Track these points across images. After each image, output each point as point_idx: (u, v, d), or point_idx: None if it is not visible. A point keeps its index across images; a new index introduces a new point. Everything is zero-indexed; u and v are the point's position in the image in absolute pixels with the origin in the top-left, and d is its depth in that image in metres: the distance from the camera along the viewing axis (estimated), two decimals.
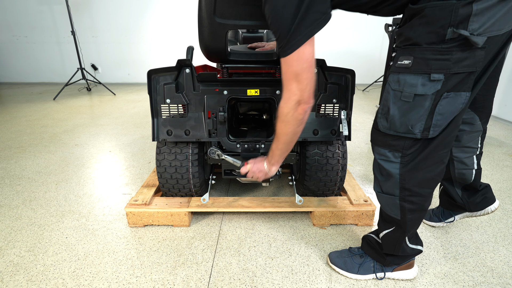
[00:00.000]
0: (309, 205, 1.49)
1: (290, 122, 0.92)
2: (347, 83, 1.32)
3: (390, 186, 0.92)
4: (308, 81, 0.84)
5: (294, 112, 0.89)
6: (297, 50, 0.81)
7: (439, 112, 0.80)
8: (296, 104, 0.88)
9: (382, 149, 0.89)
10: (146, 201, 1.47)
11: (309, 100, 0.88)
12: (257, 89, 1.31)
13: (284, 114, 0.92)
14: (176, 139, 1.36)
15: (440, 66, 0.75)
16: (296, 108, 0.88)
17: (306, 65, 0.82)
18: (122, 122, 3.43)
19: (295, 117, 0.91)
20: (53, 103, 4.41)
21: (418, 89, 0.79)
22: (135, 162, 2.28)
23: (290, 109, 0.89)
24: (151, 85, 1.29)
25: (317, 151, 1.43)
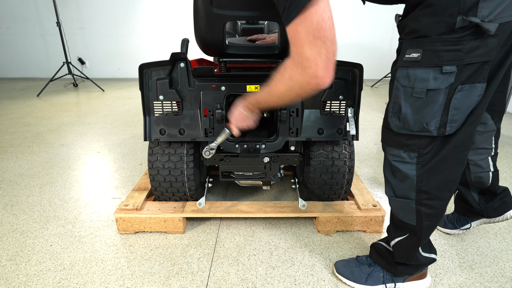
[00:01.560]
0: (313, 210, 1.49)
1: (295, 89, 0.82)
2: (355, 78, 1.32)
3: (405, 189, 0.91)
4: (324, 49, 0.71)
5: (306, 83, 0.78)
6: (304, 8, 0.70)
7: (455, 107, 0.78)
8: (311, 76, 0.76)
9: (396, 150, 0.88)
10: (137, 206, 1.47)
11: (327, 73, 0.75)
12: (257, 85, 1.31)
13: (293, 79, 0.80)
14: (169, 139, 1.36)
15: (452, 57, 0.74)
16: (310, 80, 0.77)
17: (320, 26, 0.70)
18: (111, 121, 3.43)
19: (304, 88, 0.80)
20: (36, 100, 4.41)
21: (430, 84, 0.78)
22: (126, 164, 2.28)
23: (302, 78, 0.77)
24: (143, 81, 1.29)
25: (322, 152, 1.43)
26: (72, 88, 5.37)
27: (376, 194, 1.87)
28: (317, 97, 1.34)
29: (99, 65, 6.35)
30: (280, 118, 1.30)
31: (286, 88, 0.86)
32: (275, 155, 1.40)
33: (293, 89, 0.83)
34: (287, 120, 1.32)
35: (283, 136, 1.36)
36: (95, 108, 4.02)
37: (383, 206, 1.68)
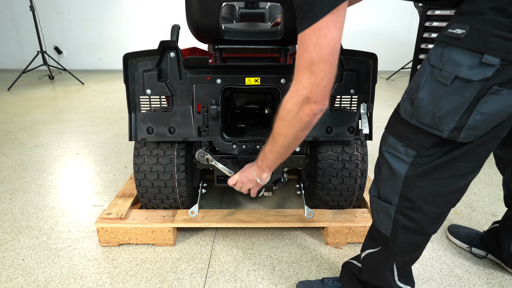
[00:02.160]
0: (321, 220, 1.49)
1: (292, 122, 0.88)
2: (368, 70, 1.32)
3: (389, 190, 0.88)
4: (324, 74, 0.78)
5: (299, 110, 0.85)
6: (316, 24, 0.74)
7: (480, 111, 0.71)
8: (303, 101, 0.83)
9: (395, 140, 0.83)
10: (121, 214, 1.47)
11: (321, 100, 0.82)
12: (258, 77, 1.31)
13: (286, 110, 0.88)
14: (158, 139, 1.36)
15: (499, 46, 0.67)
16: (303, 106, 0.84)
17: (325, 51, 0.76)
18: (92, 118, 3.44)
19: (299, 117, 0.86)
20: (7, 94, 4.41)
21: (462, 71, 0.70)
22: (108, 167, 2.28)
23: (295, 106, 0.85)
24: (128, 73, 1.30)
25: (331, 153, 1.44)
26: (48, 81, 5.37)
27: None
28: None
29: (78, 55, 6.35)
30: None
31: (286, 124, 0.91)
32: None
33: (293, 122, 0.89)
34: None
35: None
36: (73, 103, 4.02)
37: None
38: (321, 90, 0.81)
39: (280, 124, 0.93)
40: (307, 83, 0.80)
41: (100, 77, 5.79)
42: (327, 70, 0.78)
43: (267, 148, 1.04)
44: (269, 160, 1.07)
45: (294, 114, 0.87)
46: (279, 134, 0.95)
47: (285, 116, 0.89)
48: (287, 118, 0.89)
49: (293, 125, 0.90)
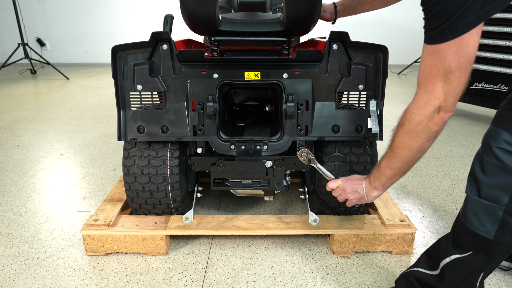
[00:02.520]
0: (327, 226, 1.49)
1: (420, 134, 0.92)
2: (378, 63, 1.32)
3: (497, 190, 0.87)
4: (459, 82, 0.83)
5: (429, 121, 0.89)
6: (462, 36, 0.76)
7: None
8: (435, 111, 0.87)
9: (510, 137, 0.84)
10: (109, 221, 1.47)
11: (452, 107, 0.87)
12: (258, 72, 1.31)
13: (414, 123, 0.91)
14: (149, 138, 1.36)
15: None
16: (433, 116, 0.88)
17: (464, 60, 0.80)
18: (77, 116, 3.44)
19: (428, 128, 0.90)
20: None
21: None
22: (95, 169, 2.28)
23: (425, 118, 0.89)
24: (117, 67, 1.29)
25: (338, 154, 1.43)
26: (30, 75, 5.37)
27: (404, 207, 1.87)
28: (331, 87, 1.34)
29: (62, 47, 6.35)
30: (286, 112, 1.30)
31: (411, 136, 0.94)
32: (280, 158, 1.40)
33: (420, 134, 0.92)
34: (294, 114, 1.32)
35: (289, 135, 1.36)
36: (57, 100, 4.02)
37: (413, 222, 1.68)
38: (453, 98, 0.85)
39: (404, 138, 0.96)
40: (440, 92, 0.84)
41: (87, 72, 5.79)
42: (463, 78, 0.82)
43: (383, 163, 1.07)
44: (384, 177, 1.09)
45: (423, 126, 0.90)
46: (402, 147, 0.98)
47: (413, 129, 0.93)
48: (414, 131, 0.92)
49: (420, 137, 0.93)
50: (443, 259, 1.01)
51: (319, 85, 1.33)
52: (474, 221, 0.92)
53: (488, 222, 0.89)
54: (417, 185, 2.11)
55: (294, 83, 1.32)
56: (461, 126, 3.24)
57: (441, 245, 1.05)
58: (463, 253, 0.97)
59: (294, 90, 1.32)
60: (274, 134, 1.42)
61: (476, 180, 0.91)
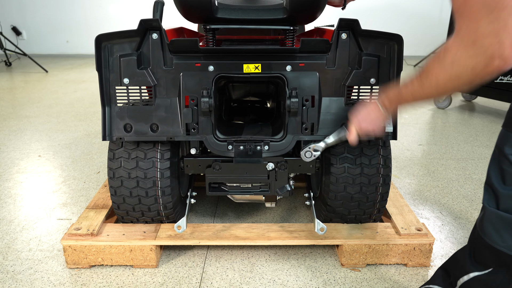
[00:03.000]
0: (335, 236, 1.49)
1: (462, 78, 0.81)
2: (392, 54, 1.32)
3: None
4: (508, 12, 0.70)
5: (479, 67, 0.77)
6: None
7: None
8: (489, 55, 0.74)
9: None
10: (93, 229, 1.47)
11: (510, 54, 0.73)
12: (258, 64, 1.31)
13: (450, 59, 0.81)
14: (138, 138, 1.36)
15: None
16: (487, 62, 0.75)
17: None
18: (57, 113, 3.44)
19: (476, 74, 0.79)
20: None
21: None
22: (77, 172, 2.28)
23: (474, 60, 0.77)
24: (101, 58, 1.29)
25: (347, 156, 1.44)
26: (4, 68, 5.37)
27: (421, 214, 1.87)
28: (340, 80, 1.34)
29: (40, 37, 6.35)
30: (289, 109, 1.30)
31: (449, 76, 0.84)
32: (283, 160, 1.40)
33: (461, 77, 0.81)
34: (298, 111, 1.32)
35: (293, 134, 1.36)
36: (35, 95, 4.02)
37: (431, 231, 1.68)
38: (509, 42, 0.71)
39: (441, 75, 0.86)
40: (487, 31, 0.72)
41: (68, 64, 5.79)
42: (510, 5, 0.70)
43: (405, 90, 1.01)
44: (403, 101, 1.04)
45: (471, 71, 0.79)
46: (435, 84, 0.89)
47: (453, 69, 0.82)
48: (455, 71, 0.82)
49: (462, 81, 0.83)
50: (461, 277, 1.01)
51: (326, 79, 1.33)
52: (493, 235, 0.92)
53: (509, 236, 0.89)
54: (435, 190, 2.11)
55: (298, 76, 1.32)
56: (484, 125, 3.25)
57: (458, 260, 1.04)
58: (483, 270, 0.97)
59: (299, 84, 1.32)
60: (276, 133, 1.42)
61: (494, 190, 0.90)
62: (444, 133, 3.06)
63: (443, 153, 2.64)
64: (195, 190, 1.76)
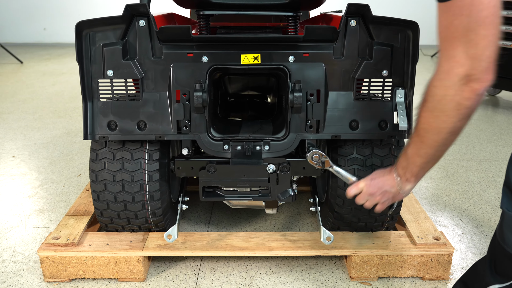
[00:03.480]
0: (343, 246, 1.49)
1: (447, 112, 0.91)
2: (406, 44, 1.32)
3: None
4: (487, 42, 0.81)
5: (456, 94, 0.87)
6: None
7: None
8: (462, 81, 0.85)
9: None
10: (73, 239, 1.47)
11: (485, 75, 0.84)
12: (258, 54, 1.31)
13: (436, 98, 0.90)
14: (123, 137, 1.36)
15: None
16: (462, 88, 0.85)
17: (486, 12, 0.79)
18: (34, 109, 3.43)
19: (457, 104, 0.88)
20: None
21: None
22: (56, 175, 2.28)
23: (450, 90, 0.87)
24: (83, 48, 1.29)
25: (357, 157, 1.44)
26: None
27: (439, 221, 1.87)
28: (349, 73, 1.34)
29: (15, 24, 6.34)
30: (292, 104, 1.30)
31: (436, 116, 0.93)
32: (285, 161, 1.40)
33: (448, 112, 0.90)
34: (302, 107, 1.32)
35: (296, 133, 1.36)
36: (8, 89, 4.01)
37: (449, 240, 1.68)
38: (485, 63, 0.82)
39: (429, 118, 0.95)
40: (463, 57, 0.83)
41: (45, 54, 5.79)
42: (490, 35, 0.80)
43: (410, 150, 1.07)
44: (415, 166, 1.08)
45: (449, 101, 0.89)
46: (429, 130, 0.98)
47: (436, 106, 0.92)
48: (438, 107, 0.91)
49: (448, 115, 0.91)
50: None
51: (333, 71, 1.33)
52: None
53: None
54: (455, 194, 2.11)
55: (302, 68, 1.32)
56: (509, 122, 3.25)
57: (478, 272, 1.05)
58: (504, 282, 0.97)
59: (303, 76, 1.32)
60: (278, 131, 1.42)
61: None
62: (465, 131, 3.04)
63: (463, 153, 2.65)
64: (187, 195, 1.76)
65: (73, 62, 5.13)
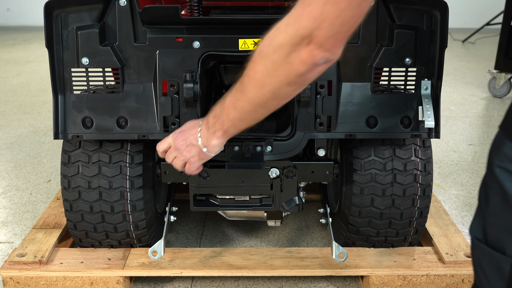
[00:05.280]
0: (359, 264, 1.49)
1: (277, 65, 0.90)
2: (433, 27, 1.32)
3: (501, 231, 0.86)
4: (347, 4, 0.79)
5: (292, 51, 0.86)
6: None
7: None
8: (303, 38, 0.83)
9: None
10: (42, 256, 1.47)
11: (330, 45, 0.84)
12: (258, 38, 1.31)
13: (274, 44, 0.88)
14: (100, 136, 1.36)
15: None
16: (299, 46, 0.84)
17: None
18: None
19: (289, 61, 0.87)
20: None
21: None
22: (21, 181, 2.28)
23: (288, 41, 0.86)
24: (53, 31, 1.29)
25: (375, 159, 1.44)
26: None
27: None
28: (365, 61, 1.34)
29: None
30: (299, 97, 1.30)
31: (267, 68, 0.90)
32: (291, 164, 1.40)
33: (276, 67, 0.89)
34: (311, 101, 1.32)
35: (304, 131, 1.36)
36: None
37: None
38: (335, 29, 0.81)
39: (258, 63, 0.93)
40: (317, 12, 0.80)
41: (8, 39, 5.79)
42: (356, 0, 0.78)
43: (228, 98, 1.06)
44: (227, 119, 1.08)
45: (284, 54, 0.87)
46: (252, 79, 0.96)
47: (269, 52, 0.90)
48: (271, 56, 0.90)
49: (277, 70, 0.90)
50: None
51: (347, 58, 1.33)
52: (481, 276, 0.92)
53: (495, 279, 0.88)
54: None
55: None
56: None
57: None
58: None
59: None
60: (282, 129, 1.42)
61: (482, 215, 0.90)
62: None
63: None
64: (175, 205, 1.76)
65: (42, 49, 5.13)
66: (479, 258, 0.93)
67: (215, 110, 1.10)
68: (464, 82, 3.97)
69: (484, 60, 4.63)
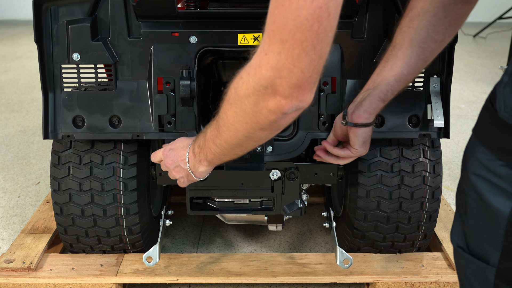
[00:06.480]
0: (364, 271, 1.49)
1: (247, 115, 0.91)
2: None
3: (483, 241, 0.86)
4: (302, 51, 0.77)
5: (260, 101, 0.86)
6: None
7: None
8: (268, 89, 0.83)
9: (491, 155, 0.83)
10: (30, 262, 1.47)
11: (295, 94, 0.83)
12: (258, 33, 1.31)
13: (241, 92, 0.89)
14: (92, 136, 1.36)
15: None
16: (266, 97, 0.85)
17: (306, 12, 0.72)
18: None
19: (258, 110, 0.88)
20: None
21: None
22: (9, 183, 2.28)
23: (254, 92, 0.86)
24: (42, 26, 1.29)
25: (382, 160, 1.44)
26: None
27: None
28: (371, 57, 1.34)
29: None
30: None
31: (239, 115, 0.92)
32: (292, 166, 1.40)
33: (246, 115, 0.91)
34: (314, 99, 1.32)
35: (306, 130, 1.36)
36: None
37: None
38: (296, 77, 0.80)
39: (228, 110, 0.95)
40: (274, 61, 0.79)
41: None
42: (309, 45, 0.76)
43: (209, 133, 1.08)
44: (210, 152, 1.10)
45: (251, 103, 0.88)
46: (226, 123, 0.98)
47: (237, 101, 0.91)
48: (239, 105, 0.91)
49: (248, 117, 0.92)
50: None
51: (352, 54, 1.33)
52: (466, 285, 0.93)
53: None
54: None
55: None
56: None
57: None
58: None
59: None
60: (284, 129, 1.42)
61: (462, 223, 0.91)
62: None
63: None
64: (171, 208, 1.76)
65: (31, 44, 5.14)
66: (463, 267, 0.93)
67: (199, 140, 1.13)
68: (475, 79, 3.97)
69: (496, 56, 4.63)
